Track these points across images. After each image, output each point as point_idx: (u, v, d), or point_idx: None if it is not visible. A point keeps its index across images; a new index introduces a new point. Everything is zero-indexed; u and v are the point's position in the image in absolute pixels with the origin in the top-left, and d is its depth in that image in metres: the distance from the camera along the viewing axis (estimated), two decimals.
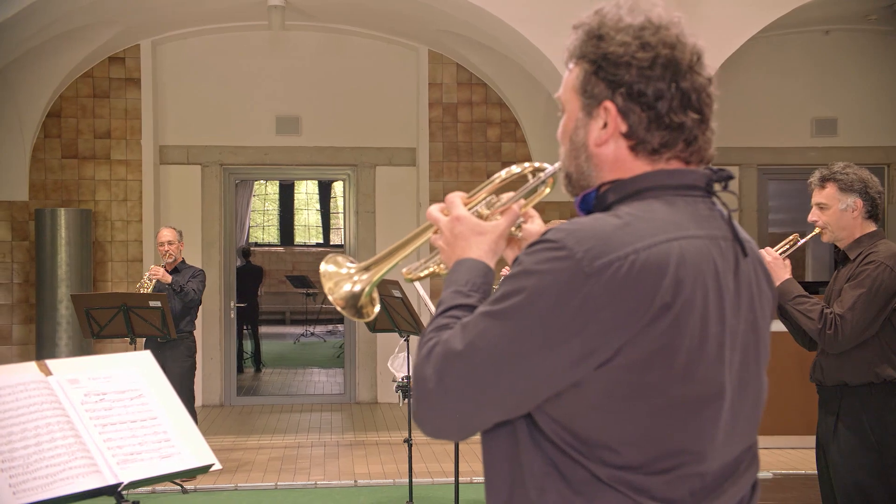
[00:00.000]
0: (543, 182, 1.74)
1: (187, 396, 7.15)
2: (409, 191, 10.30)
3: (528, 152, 10.25)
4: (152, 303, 6.56)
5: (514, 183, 1.78)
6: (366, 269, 1.78)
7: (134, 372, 2.58)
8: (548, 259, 1.40)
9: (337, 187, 21.54)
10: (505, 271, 2.12)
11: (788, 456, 7.55)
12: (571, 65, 1.58)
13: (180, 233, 7.31)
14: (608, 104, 1.51)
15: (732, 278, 1.50)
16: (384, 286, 5.64)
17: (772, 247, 4.06)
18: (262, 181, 20.85)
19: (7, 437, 2.29)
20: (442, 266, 1.77)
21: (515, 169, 1.77)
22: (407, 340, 6.01)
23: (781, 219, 10.77)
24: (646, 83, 1.49)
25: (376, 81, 10.35)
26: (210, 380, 10.26)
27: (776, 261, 3.94)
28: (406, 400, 5.68)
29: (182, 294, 7.03)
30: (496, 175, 1.77)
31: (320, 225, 22.39)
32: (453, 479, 5.52)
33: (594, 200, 1.56)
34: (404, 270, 1.87)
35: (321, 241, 22.13)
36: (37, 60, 9.42)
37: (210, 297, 10.10)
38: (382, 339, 9.95)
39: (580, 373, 1.41)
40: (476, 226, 1.67)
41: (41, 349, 9.45)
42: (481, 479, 5.91)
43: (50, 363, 2.46)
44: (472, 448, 7.31)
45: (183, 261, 7.34)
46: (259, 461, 7.72)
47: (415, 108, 10.36)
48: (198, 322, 9.66)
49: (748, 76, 10.39)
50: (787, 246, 4.12)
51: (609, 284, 1.37)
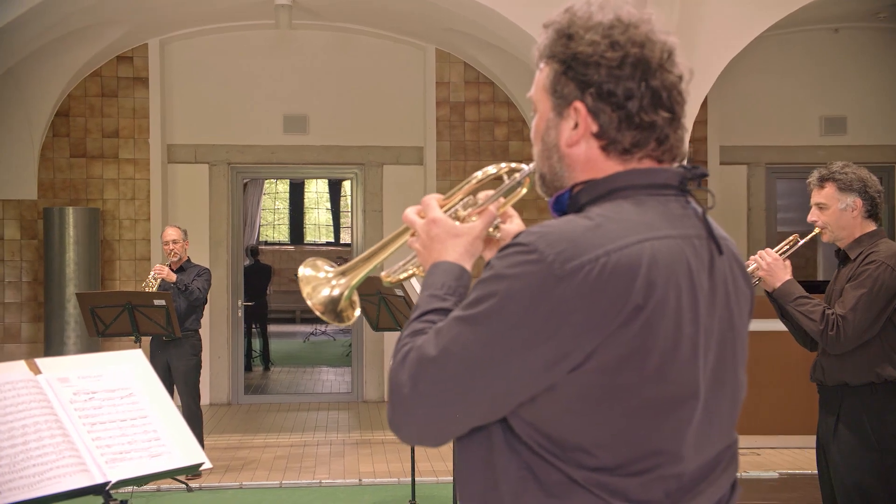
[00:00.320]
0: (520, 183, 1.73)
1: (193, 395, 7.17)
2: (417, 190, 10.29)
3: None
4: (157, 301, 6.58)
5: (494, 183, 1.77)
6: (343, 274, 1.78)
7: (125, 371, 2.58)
8: (519, 263, 1.40)
9: (346, 186, 21.54)
10: None
11: (794, 456, 7.52)
12: (542, 64, 1.57)
13: (185, 232, 7.32)
14: (578, 104, 1.50)
15: (707, 277, 1.49)
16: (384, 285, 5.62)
17: (772, 248, 4.05)
18: (273, 180, 20.88)
19: None
20: (420, 268, 1.77)
21: (492, 170, 1.76)
22: None
23: (790, 218, 10.71)
24: (615, 83, 1.48)
25: (384, 80, 10.34)
26: (218, 378, 10.29)
27: (776, 261, 3.92)
28: None
29: (187, 293, 7.04)
30: (472, 176, 1.77)
31: (331, 224, 22.40)
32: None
33: (568, 201, 1.55)
34: (383, 273, 1.87)
35: (331, 240, 22.15)
36: (45, 59, 9.45)
37: (218, 296, 10.12)
38: (390, 338, 9.94)
39: (554, 376, 1.40)
40: (451, 228, 1.66)
41: (49, 347, 9.48)
42: None
43: (39, 362, 2.47)
44: None
45: (188, 259, 7.35)
46: (265, 460, 7.73)
47: (422, 107, 10.35)
48: (205, 321, 9.69)
49: (756, 74, 10.35)
50: (787, 247, 4.10)
51: (581, 287, 1.37)
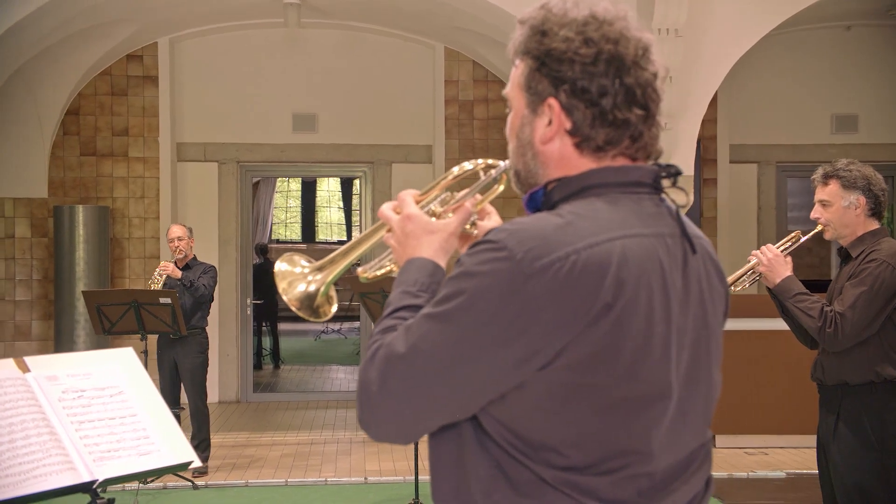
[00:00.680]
0: (495, 179, 1.72)
1: (200, 392, 7.18)
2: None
3: None
4: (162, 299, 6.59)
5: (471, 180, 1.76)
6: (320, 270, 1.77)
7: (115, 369, 2.58)
8: (488, 260, 1.38)
9: (357, 184, 21.54)
10: None
11: (802, 455, 7.47)
12: (517, 61, 1.56)
13: (190, 229, 7.34)
14: (552, 101, 1.49)
15: (680, 276, 1.48)
16: (388, 281, 5.61)
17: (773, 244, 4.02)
18: (285, 178, 20.90)
19: None
20: (396, 265, 1.76)
21: (468, 165, 1.76)
22: None
23: (800, 216, 10.64)
24: (589, 79, 1.46)
25: (392, 79, 10.34)
26: (226, 376, 10.30)
27: (777, 258, 3.90)
28: None
29: (192, 290, 7.05)
30: (449, 171, 1.76)
31: (343, 222, 22.42)
32: None
33: (542, 198, 1.53)
34: (359, 270, 1.86)
35: (343, 239, 22.16)
36: (55, 58, 9.48)
37: (226, 295, 10.14)
38: None
39: (523, 374, 1.38)
40: (427, 224, 1.65)
41: (59, 345, 9.52)
42: None
43: (28, 360, 2.47)
44: None
45: (194, 257, 7.37)
46: (271, 458, 7.74)
47: (431, 106, 10.34)
48: (214, 319, 9.72)
49: (767, 72, 10.30)
50: (790, 243, 4.08)
51: (550, 285, 1.35)
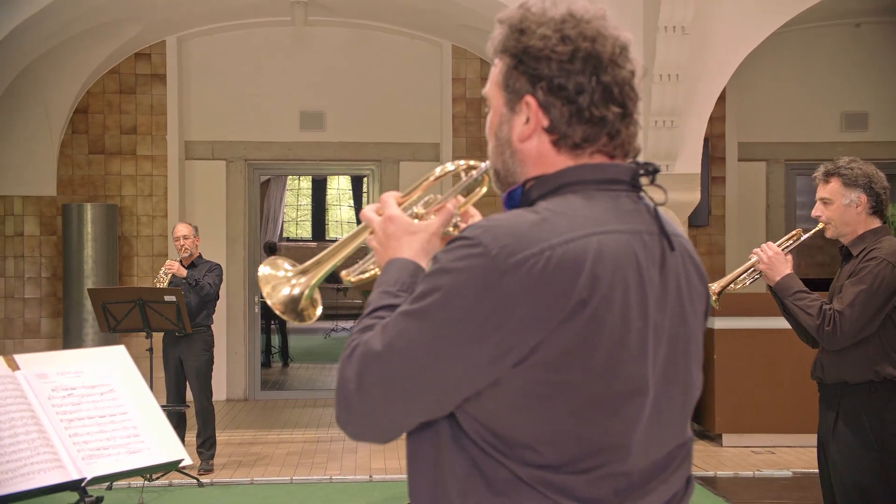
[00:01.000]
0: (476, 180, 1.72)
1: (205, 390, 7.19)
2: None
3: None
4: (167, 297, 6.61)
5: (454, 182, 1.76)
6: (303, 273, 1.77)
7: (106, 367, 2.58)
8: (463, 256, 1.38)
9: (366, 183, 21.55)
10: None
11: (809, 454, 7.42)
12: (496, 60, 1.55)
13: (196, 228, 7.35)
14: (529, 98, 1.49)
15: (658, 273, 1.47)
16: None
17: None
18: (296, 176, 20.94)
19: None
20: (378, 267, 1.75)
21: (449, 166, 1.76)
22: None
23: (809, 215, 10.60)
24: (566, 77, 1.46)
25: (400, 77, 10.34)
26: (235, 374, 10.33)
27: (777, 255, 3.88)
28: None
29: (198, 288, 7.06)
30: (430, 172, 1.76)
31: (353, 220, 22.44)
32: None
33: (520, 197, 1.53)
34: (343, 273, 1.85)
35: None
36: (64, 57, 9.52)
37: (234, 293, 10.16)
38: None
39: (498, 371, 1.38)
40: (408, 225, 1.65)
41: (68, 342, 9.56)
42: None
43: (18, 358, 2.47)
44: None
45: (200, 255, 7.38)
46: (277, 455, 7.75)
47: (438, 104, 10.33)
48: (222, 317, 9.75)
49: (776, 70, 10.25)
50: (791, 241, 4.06)
51: (524, 281, 1.35)
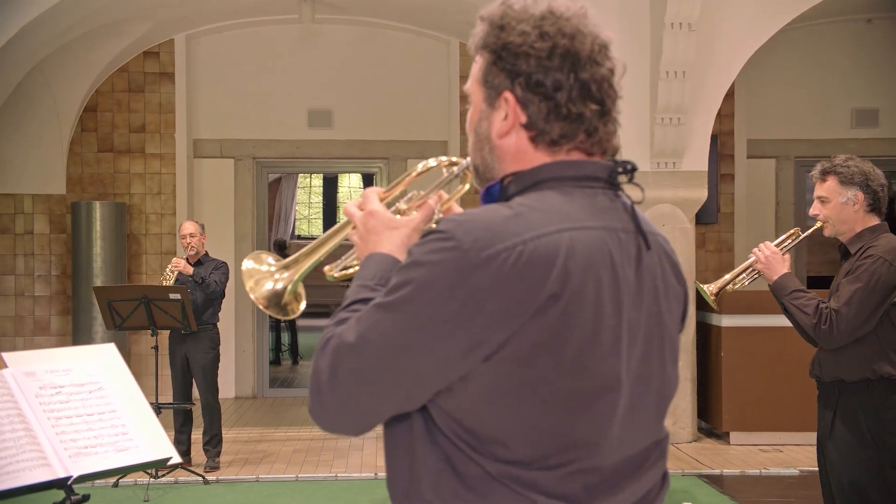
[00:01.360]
0: (458, 176, 1.72)
1: (211, 388, 7.21)
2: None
3: None
4: (172, 295, 6.62)
5: (436, 177, 1.77)
6: (286, 268, 1.78)
7: (96, 365, 2.59)
8: (436, 250, 1.39)
9: (375, 181, 21.56)
10: None
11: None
12: (477, 56, 1.56)
13: (202, 226, 7.37)
14: (508, 94, 1.50)
15: (633, 271, 1.47)
16: None
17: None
18: (307, 174, 20.97)
19: None
20: (359, 261, 1.75)
21: (432, 162, 1.76)
22: None
23: None
24: (544, 73, 1.47)
25: (407, 74, 10.34)
26: (243, 372, 10.36)
27: (774, 255, 3.86)
28: None
29: (204, 286, 7.09)
30: (413, 168, 1.77)
31: None
32: None
33: (498, 192, 1.53)
34: (325, 268, 1.86)
35: None
36: (73, 55, 9.56)
37: (243, 291, 10.10)
38: None
39: (468, 365, 1.39)
40: (389, 220, 1.66)
41: (77, 340, 9.61)
42: None
43: (6, 356, 2.48)
44: None
45: (206, 253, 7.40)
46: (283, 453, 7.77)
47: (446, 101, 10.33)
48: (231, 315, 9.77)
49: (785, 66, 10.21)
50: (789, 241, 4.03)
51: (496, 275, 1.36)
